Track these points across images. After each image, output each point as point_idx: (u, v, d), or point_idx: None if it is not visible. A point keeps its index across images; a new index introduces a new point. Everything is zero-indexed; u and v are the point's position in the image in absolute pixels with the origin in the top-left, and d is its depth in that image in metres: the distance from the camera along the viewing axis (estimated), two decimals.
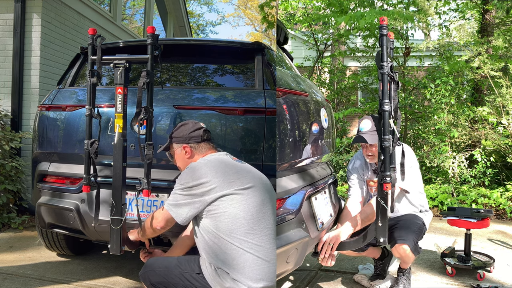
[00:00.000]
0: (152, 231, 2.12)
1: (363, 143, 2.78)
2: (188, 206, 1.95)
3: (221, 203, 1.91)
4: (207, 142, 2.20)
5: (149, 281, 2.01)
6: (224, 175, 1.95)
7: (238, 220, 1.89)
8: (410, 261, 2.79)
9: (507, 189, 5.76)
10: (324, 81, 9.60)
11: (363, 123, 2.79)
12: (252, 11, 23.78)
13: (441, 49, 8.08)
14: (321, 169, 2.94)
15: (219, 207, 1.91)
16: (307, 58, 9.89)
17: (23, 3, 5.04)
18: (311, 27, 9.23)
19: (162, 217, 2.04)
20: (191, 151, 2.17)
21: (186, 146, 2.17)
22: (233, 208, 1.90)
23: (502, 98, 6.05)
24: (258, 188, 1.97)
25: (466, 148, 6.48)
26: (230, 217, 1.89)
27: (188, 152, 2.17)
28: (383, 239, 2.40)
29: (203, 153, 2.16)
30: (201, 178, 1.93)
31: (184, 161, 2.19)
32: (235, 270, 1.86)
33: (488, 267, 3.29)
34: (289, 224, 2.22)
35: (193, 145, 2.17)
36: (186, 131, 2.18)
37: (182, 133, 2.19)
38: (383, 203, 2.37)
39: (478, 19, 7.82)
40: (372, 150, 2.77)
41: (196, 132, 2.18)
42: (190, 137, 2.17)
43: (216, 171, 1.96)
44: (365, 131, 2.76)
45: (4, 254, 3.67)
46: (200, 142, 2.17)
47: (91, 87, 2.42)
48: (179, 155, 2.20)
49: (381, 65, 2.32)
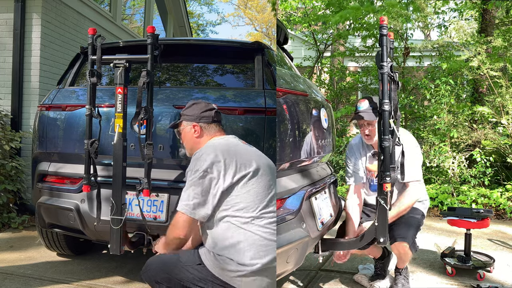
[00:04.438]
0: (178, 241, 2.02)
1: (360, 120, 2.75)
2: (204, 200, 1.92)
3: (232, 188, 1.91)
4: (217, 124, 2.17)
5: (154, 279, 2.00)
6: (235, 158, 1.94)
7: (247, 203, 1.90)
8: (408, 259, 2.79)
9: (507, 189, 5.76)
10: (324, 81, 9.60)
11: (361, 102, 2.77)
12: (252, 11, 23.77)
13: (441, 49, 8.09)
14: (321, 169, 2.94)
15: (229, 192, 1.91)
16: (306, 58, 9.90)
17: (23, 3, 5.04)
18: (311, 27, 9.23)
19: (182, 222, 1.95)
20: (200, 130, 2.13)
21: (196, 125, 2.13)
22: (243, 191, 1.91)
23: (502, 98, 6.05)
24: (265, 172, 1.98)
25: (466, 148, 6.48)
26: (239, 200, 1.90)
27: (197, 131, 2.13)
28: (383, 239, 2.41)
29: (212, 134, 2.14)
30: (212, 166, 1.91)
31: (191, 139, 2.15)
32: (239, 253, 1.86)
33: (488, 267, 3.29)
34: (289, 224, 2.22)
35: (203, 125, 2.14)
36: (198, 110, 2.15)
37: (193, 112, 2.15)
38: (383, 203, 2.37)
39: (478, 19, 7.82)
40: (369, 129, 2.74)
41: (207, 112, 2.15)
42: (201, 116, 2.13)
43: (224, 156, 1.94)
44: (363, 109, 2.73)
45: (4, 254, 3.66)
46: (210, 122, 2.14)
47: (91, 87, 2.42)
48: (188, 133, 2.16)
49: (381, 65, 2.32)
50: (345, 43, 9.61)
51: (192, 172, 1.94)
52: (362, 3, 6.81)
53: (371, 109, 2.68)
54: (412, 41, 8.67)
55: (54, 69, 5.36)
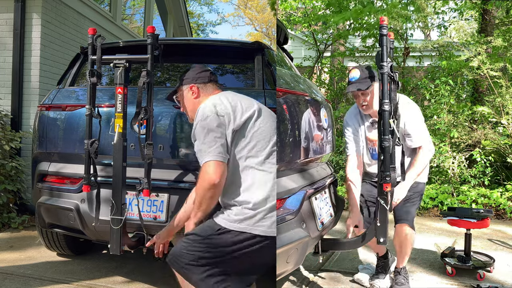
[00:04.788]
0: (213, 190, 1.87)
1: (354, 92, 2.69)
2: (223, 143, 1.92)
3: (243, 128, 1.95)
4: (214, 83, 2.19)
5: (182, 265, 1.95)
6: (238, 101, 2.01)
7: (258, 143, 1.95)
8: (409, 243, 2.81)
9: (507, 189, 5.76)
10: (324, 81, 9.60)
11: (353, 72, 2.69)
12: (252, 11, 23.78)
13: (441, 49, 8.08)
14: (321, 169, 2.94)
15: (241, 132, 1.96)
16: (306, 58, 9.89)
17: (23, 3, 5.04)
18: (311, 27, 9.23)
19: (213, 169, 1.86)
20: (198, 90, 2.15)
21: (193, 85, 2.15)
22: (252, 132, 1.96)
23: (502, 98, 6.05)
24: (267, 114, 2.06)
25: (466, 148, 6.47)
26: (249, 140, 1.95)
27: (194, 92, 2.15)
28: (383, 239, 2.41)
29: (209, 93, 2.15)
30: (220, 109, 1.95)
31: (191, 101, 2.16)
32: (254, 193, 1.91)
33: (488, 267, 3.29)
34: (289, 224, 2.22)
35: (200, 85, 2.16)
36: (193, 72, 2.19)
37: (189, 75, 2.18)
38: (383, 203, 2.37)
39: (478, 19, 7.82)
40: (365, 99, 2.68)
41: (203, 73, 2.18)
42: (197, 77, 2.16)
43: (228, 99, 2.00)
44: (356, 80, 2.66)
45: (4, 254, 3.66)
46: (207, 82, 2.17)
47: (91, 87, 2.42)
48: (186, 96, 2.18)
49: (381, 65, 2.32)
50: (345, 43, 9.60)
51: (202, 121, 1.95)
52: (362, 3, 6.82)
53: (364, 78, 2.63)
54: (412, 41, 8.66)
55: (54, 69, 5.36)
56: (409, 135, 2.71)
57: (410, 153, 2.79)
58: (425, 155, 2.74)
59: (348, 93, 2.74)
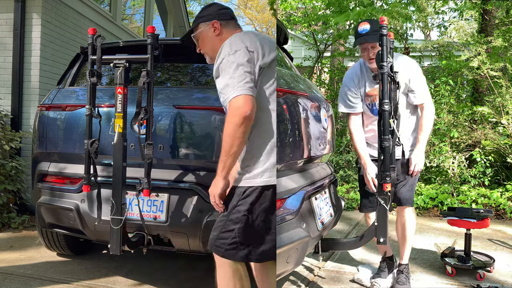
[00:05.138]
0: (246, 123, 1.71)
1: (364, 44, 2.65)
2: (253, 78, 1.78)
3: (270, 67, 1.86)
4: (235, 21, 2.03)
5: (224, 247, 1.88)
6: (264, 41, 1.88)
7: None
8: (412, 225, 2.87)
9: (507, 189, 5.76)
10: (324, 81, 9.60)
11: (363, 25, 2.63)
12: (252, 11, 23.77)
13: (441, 49, 8.08)
14: (321, 169, 2.94)
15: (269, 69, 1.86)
16: (306, 58, 9.89)
17: (23, 3, 5.03)
18: (311, 27, 9.23)
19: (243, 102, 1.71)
20: (220, 27, 1.97)
21: (216, 22, 1.97)
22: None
23: (502, 98, 6.05)
24: None
25: (466, 148, 6.47)
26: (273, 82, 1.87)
27: (217, 29, 1.97)
28: (383, 239, 2.41)
29: (232, 31, 1.97)
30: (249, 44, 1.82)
31: (212, 39, 1.98)
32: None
33: (488, 267, 3.29)
34: (289, 224, 2.22)
35: (223, 22, 1.98)
36: (214, 8, 2.01)
37: (210, 11, 2.01)
38: (383, 203, 2.37)
39: (478, 19, 7.82)
40: (375, 52, 2.60)
41: (224, 10, 2.02)
42: (220, 13, 1.99)
43: (256, 37, 1.88)
44: (366, 32, 2.62)
45: (4, 254, 3.66)
46: (229, 19, 2.01)
47: (91, 87, 2.42)
48: (207, 35, 1.99)
49: (381, 65, 2.32)
50: (345, 43, 9.60)
51: (230, 55, 1.79)
52: (362, 4, 6.82)
53: (374, 31, 2.55)
54: (412, 41, 8.66)
55: (54, 69, 5.36)
56: (413, 91, 2.75)
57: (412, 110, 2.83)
58: (430, 112, 2.80)
59: (356, 46, 2.69)
